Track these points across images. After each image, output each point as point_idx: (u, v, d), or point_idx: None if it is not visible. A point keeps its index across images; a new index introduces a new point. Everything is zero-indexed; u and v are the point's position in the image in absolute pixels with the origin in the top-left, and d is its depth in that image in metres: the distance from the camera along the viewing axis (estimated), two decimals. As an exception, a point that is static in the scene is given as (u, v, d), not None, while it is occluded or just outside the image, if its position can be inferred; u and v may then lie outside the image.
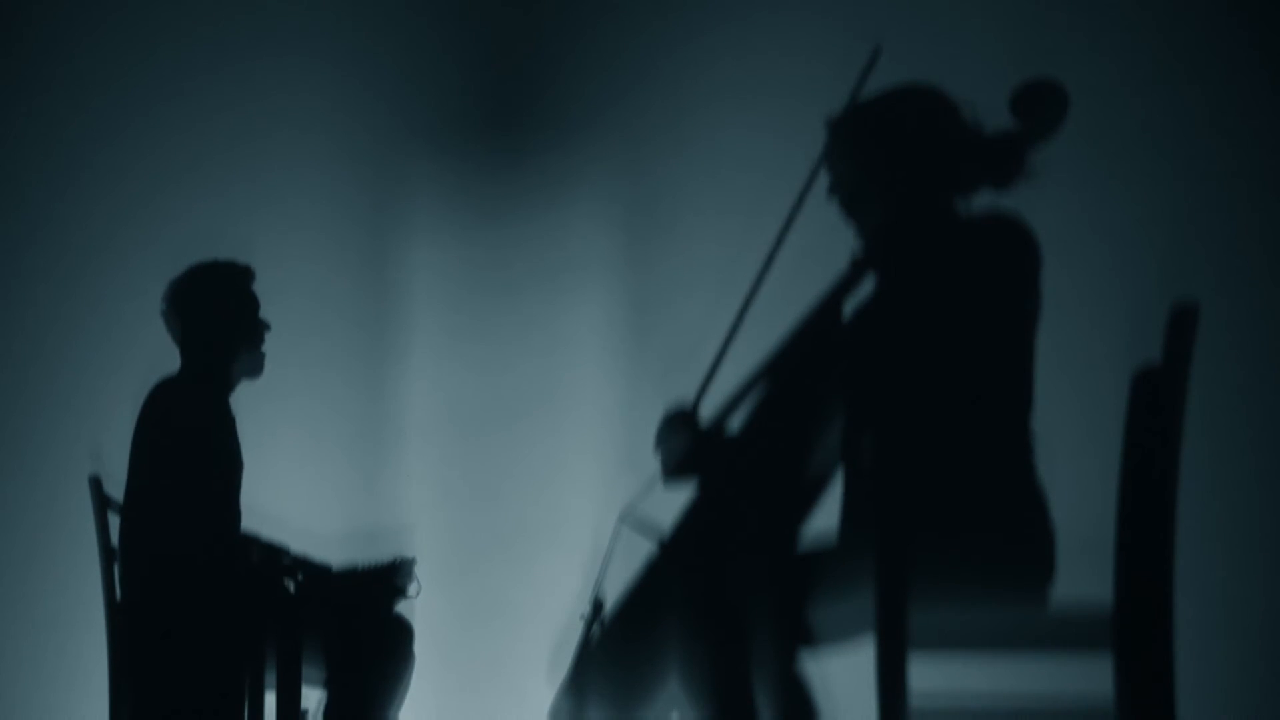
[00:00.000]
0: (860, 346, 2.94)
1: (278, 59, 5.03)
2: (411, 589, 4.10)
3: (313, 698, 3.95)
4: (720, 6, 4.89)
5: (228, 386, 4.01)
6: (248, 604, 3.83)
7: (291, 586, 3.94)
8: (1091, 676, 2.65)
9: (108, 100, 5.04)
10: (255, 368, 4.06)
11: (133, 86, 5.03)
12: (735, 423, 3.06)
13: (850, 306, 3.01)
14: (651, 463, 3.13)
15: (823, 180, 3.06)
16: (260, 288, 4.08)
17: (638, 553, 3.11)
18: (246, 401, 4.07)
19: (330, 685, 3.99)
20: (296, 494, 4.66)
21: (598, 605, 3.09)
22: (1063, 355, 3.01)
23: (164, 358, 4.03)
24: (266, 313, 4.07)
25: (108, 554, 3.92)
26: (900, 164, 2.95)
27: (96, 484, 3.94)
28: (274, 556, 3.97)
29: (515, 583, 4.86)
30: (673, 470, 3.06)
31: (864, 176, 2.98)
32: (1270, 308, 4.55)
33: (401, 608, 4.11)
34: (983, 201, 2.97)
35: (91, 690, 4.19)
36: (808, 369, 3.00)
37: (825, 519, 2.99)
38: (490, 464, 4.98)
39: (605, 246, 4.95)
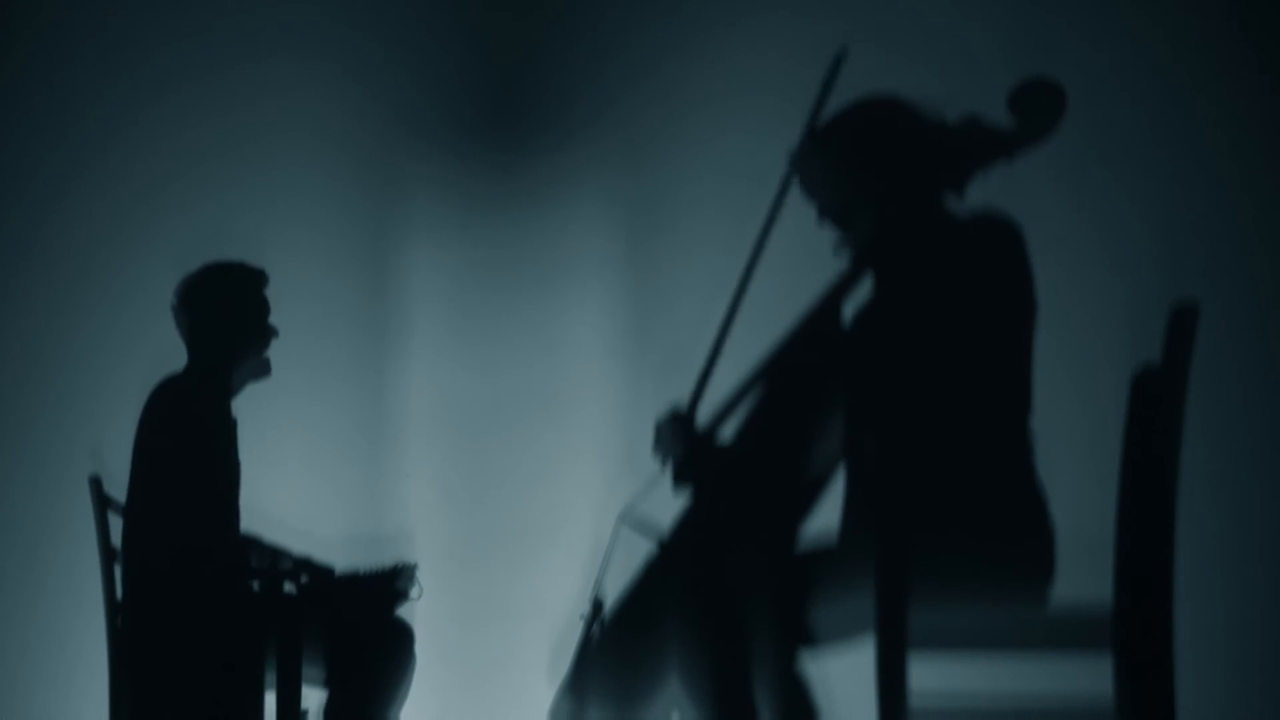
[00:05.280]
0: (860, 347, 2.94)
1: (278, 59, 5.02)
2: (413, 592, 4.10)
3: (313, 698, 3.95)
4: (720, 7, 4.89)
5: (230, 388, 4.01)
6: (249, 605, 3.83)
7: (293, 589, 3.94)
8: (1091, 676, 2.65)
9: (108, 100, 5.03)
10: (260, 371, 4.06)
11: (133, 87, 5.03)
12: (734, 423, 3.06)
13: (849, 307, 3.01)
14: (652, 463, 3.12)
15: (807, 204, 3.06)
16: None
17: (638, 553, 3.11)
18: (248, 403, 4.07)
19: (330, 686, 3.99)
20: (298, 496, 4.66)
21: (598, 605, 3.09)
22: (1063, 355, 3.01)
23: (165, 358, 4.02)
24: (266, 313, 4.08)
25: (108, 554, 3.92)
26: (879, 175, 2.95)
27: (97, 484, 3.94)
28: (276, 558, 3.97)
29: (515, 583, 4.86)
30: (678, 474, 3.06)
31: (848, 198, 2.98)
32: (1270, 308, 4.55)
33: (402, 609, 4.11)
34: (974, 198, 2.97)
35: (91, 690, 4.19)
36: (806, 369, 3.00)
37: (825, 519, 2.99)
38: (490, 464, 4.98)
39: (605, 247, 4.95)
